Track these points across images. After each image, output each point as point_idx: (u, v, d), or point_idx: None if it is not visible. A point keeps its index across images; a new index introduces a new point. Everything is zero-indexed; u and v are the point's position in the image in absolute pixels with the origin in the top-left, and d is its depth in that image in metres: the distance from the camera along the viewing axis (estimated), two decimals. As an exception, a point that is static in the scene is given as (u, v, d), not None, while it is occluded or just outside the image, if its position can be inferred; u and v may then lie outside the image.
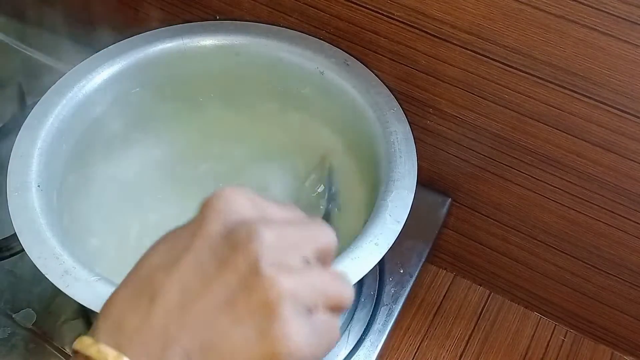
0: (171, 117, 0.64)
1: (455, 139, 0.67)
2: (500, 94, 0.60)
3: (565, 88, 0.56)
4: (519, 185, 0.67)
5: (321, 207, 0.60)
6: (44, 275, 0.45)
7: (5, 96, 0.78)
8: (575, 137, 0.59)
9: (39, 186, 0.50)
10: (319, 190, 0.60)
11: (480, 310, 0.79)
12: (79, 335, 0.28)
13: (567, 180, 0.63)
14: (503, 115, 0.62)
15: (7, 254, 0.64)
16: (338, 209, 0.59)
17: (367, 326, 0.64)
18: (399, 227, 0.49)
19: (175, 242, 0.30)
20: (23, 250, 0.46)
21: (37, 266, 0.45)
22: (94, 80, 0.59)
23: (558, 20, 0.52)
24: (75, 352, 0.27)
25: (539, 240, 0.71)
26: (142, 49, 0.61)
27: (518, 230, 0.71)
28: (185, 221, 0.30)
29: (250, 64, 0.64)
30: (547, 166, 0.63)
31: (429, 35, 0.60)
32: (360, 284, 0.67)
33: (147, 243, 0.56)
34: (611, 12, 0.49)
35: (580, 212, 0.65)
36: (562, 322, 0.78)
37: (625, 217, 0.62)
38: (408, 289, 0.67)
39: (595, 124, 0.57)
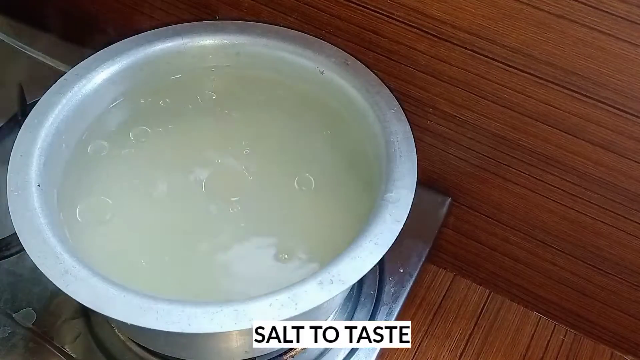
0: (171, 117, 0.64)
1: (455, 139, 0.67)
2: (500, 93, 0.60)
3: (565, 88, 0.56)
4: (519, 185, 0.67)
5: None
6: (44, 275, 0.45)
7: (5, 96, 0.78)
8: (575, 136, 0.59)
9: (39, 186, 0.50)
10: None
11: (480, 309, 0.79)
12: (79, 334, 0.28)
13: (567, 180, 0.63)
14: (503, 115, 0.62)
15: (7, 253, 0.64)
16: None
17: (367, 326, 0.64)
18: (399, 227, 0.49)
19: None
20: (23, 250, 0.46)
21: (37, 266, 0.45)
22: (94, 80, 0.59)
23: (558, 20, 0.52)
24: None
25: (538, 240, 0.71)
26: (142, 49, 0.61)
27: (518, 230, 0.72)
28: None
29: (250, 64, 0.64)
30: (547, 166, 0.63)
31: (428, 35, 0.60)
32: (360, 284, 0.67)
33: (147, 242, 0.56)
34: (611, 11, 0.49)
35: (580, 212, 0.65)
36: (562, 321, 0.78)
37: (625, 217, 0.62)
38: (408, 289, 0.67)
39: (595, 124, 0.57)
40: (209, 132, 0.65)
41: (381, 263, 0.67)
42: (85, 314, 0.62)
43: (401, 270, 0.67)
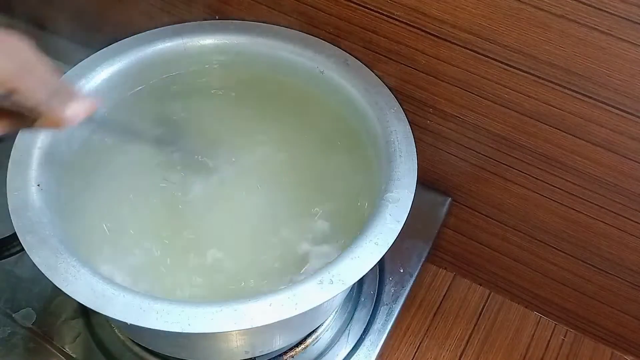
0: (171, 117, 0.64)
1: (455, 139, 0.67)
2: (500, 93, 0.60)
3: (565, 87, 0.56)
4: (519, 185, 0.67)
5: None
6: (44, 275, 0.45)
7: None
8: (576, 136, 0.59)
9: (38, 185, 0.50)
10: None
11: (480, 310, 0.79)
12: (79, 334, 0.28)
13: (567, 180, 0.63)
14: (503, 114, 0.62)
15: (7, 253, 0.64)
16: None
17: (367, 326, 0.64)
18: (399, 227, 0.49)
19: None
20: (23, 250, 0.46)
21: (37, 266, 0.45)
22: (94, 80, 0.59)
23: (558, 20, 0.52)
24: None
25: (539, 240, 0.71)
26: (142, 49, 0.61)
27: (518, 230, 0.72)
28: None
29: (250, 64, 0.64)
30: (547, 166, 0.63)
31: (429, 35, 0.60)
32: (360, 284, 0.67)
33: (146, 242, 0.56)
34: (611, 11, 0.49)
35: (580, 212, 0.65)
36: (562, 321, 0.78)
37: (626, 217, 0.62)
38: (408, 289, 0.67)
39: (596, 124, 0.57)
40: (208, 131, 0.65)
41: (381, 263, 0.68)
42: (85, 314, 0.62)
43: (401, 270, 0.67)
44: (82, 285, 0.44)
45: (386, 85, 0.59)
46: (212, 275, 0.55)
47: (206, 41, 0.63)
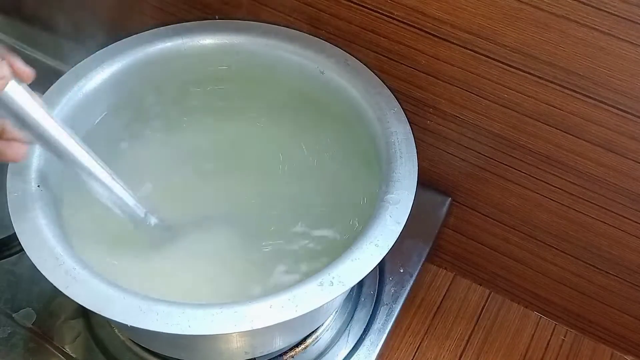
0: (171, 117, 0.64)
1: (455, 139, 0.67)
2: (500, 93, 0.60)
3: (565, 87, 0.56)
4: (519, 185, 0.67)
5: None
6: (43, 275, 0.45)
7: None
8: (576, 136, 0.59)
9: (38, 186, 0.50)
10: None
11: (480, 309, 0.79)
12: (79, 334, 0.28)
13: (567, 180, 0.63)
14: (503, 114, 0.62)
15: (7, 253, 0.65)
16: None
17: (367, 326, 0.64)
18: (399, 229, 0.49)
19: None
20: (23, 250, 0.46)
21: (36, 266, 0.45)
22: (94, 80, 0.59)
23: (558, 20, 0.52)
24: None
25: (539, 240, 0.71)
26: (142, 49, 0.61)
27: (518, 230, 0.71)
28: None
29: (250, 64, 0.63)
30: (547, 166, 0.63)
31: (428, 35, 0.60)
32: (360, 284, 0.67)
33: (146, 242, 0.56)
34: (611, 11, 0.49)
35: (580, 212, 0.65)
36: (562, 321, 0.78)
37: (626, 217, 0.62)
38: (408, 289, 0.67)
39: (596, 124, 0.57)
40: (208, 131, 0.65)
41: (381, 263, 0.67)
42: (85, 314, 0.62)
43: (401, 270, 0.67)
44: (82, 287, 0.44)
45: (386, 86, 0.59)
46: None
47: (206, 41, 0.63)
